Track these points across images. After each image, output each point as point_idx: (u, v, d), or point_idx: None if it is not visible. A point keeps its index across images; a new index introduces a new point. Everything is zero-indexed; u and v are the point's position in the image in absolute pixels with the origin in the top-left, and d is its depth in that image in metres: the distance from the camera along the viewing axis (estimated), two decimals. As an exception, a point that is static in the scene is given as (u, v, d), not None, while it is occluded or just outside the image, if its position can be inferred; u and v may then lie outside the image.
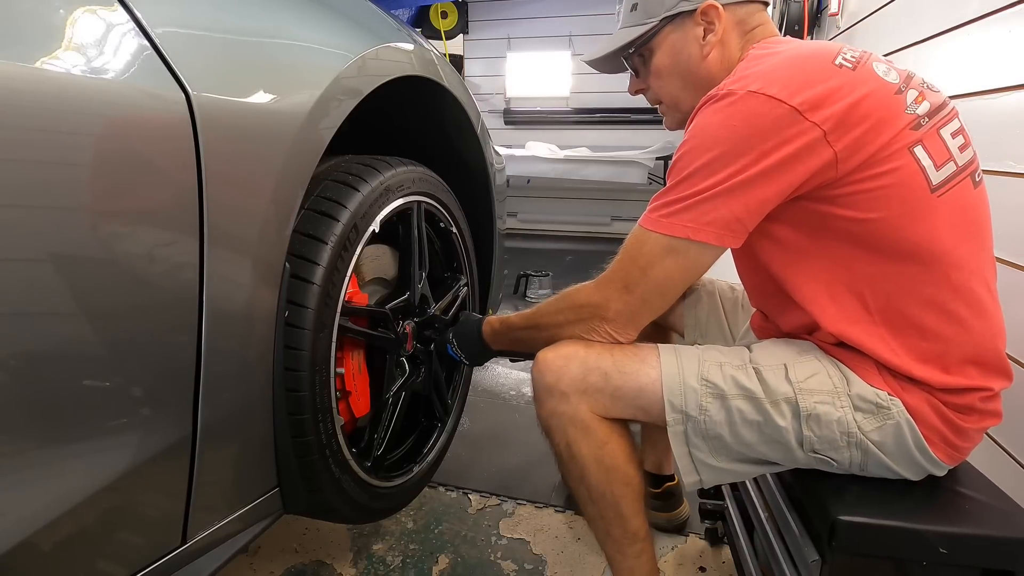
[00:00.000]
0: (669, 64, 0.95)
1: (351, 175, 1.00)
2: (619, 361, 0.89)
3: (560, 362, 0.90)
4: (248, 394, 0.82)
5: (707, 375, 0.86)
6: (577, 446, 0.90)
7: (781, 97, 0.74)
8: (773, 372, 0.85)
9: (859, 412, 0.80)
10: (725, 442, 0.85)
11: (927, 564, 0.75)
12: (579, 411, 0.89)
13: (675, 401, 0.86)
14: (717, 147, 0.77)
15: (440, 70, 1.24)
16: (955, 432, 0.80)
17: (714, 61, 0.91)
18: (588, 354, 0.89)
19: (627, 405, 0.89)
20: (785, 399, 0.82)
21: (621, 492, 0.90)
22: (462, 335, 1.15)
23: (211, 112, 0.69)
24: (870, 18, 2.15)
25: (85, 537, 0.64)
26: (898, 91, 0.78)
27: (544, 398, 0.91)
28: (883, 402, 0.80)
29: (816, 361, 0.85)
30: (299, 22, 0.90)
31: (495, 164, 1.56)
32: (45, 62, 0.55)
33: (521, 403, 2.03)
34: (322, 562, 1.27)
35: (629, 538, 0.92)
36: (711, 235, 0.79)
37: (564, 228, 5.18)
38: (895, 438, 0.79)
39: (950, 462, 0.82)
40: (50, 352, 0.58)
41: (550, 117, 5.15)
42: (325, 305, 0.91)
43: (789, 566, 0.87)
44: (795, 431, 0.82)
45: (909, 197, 0.76)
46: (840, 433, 0.80)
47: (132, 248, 0.63)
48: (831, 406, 0.81)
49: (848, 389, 0.81)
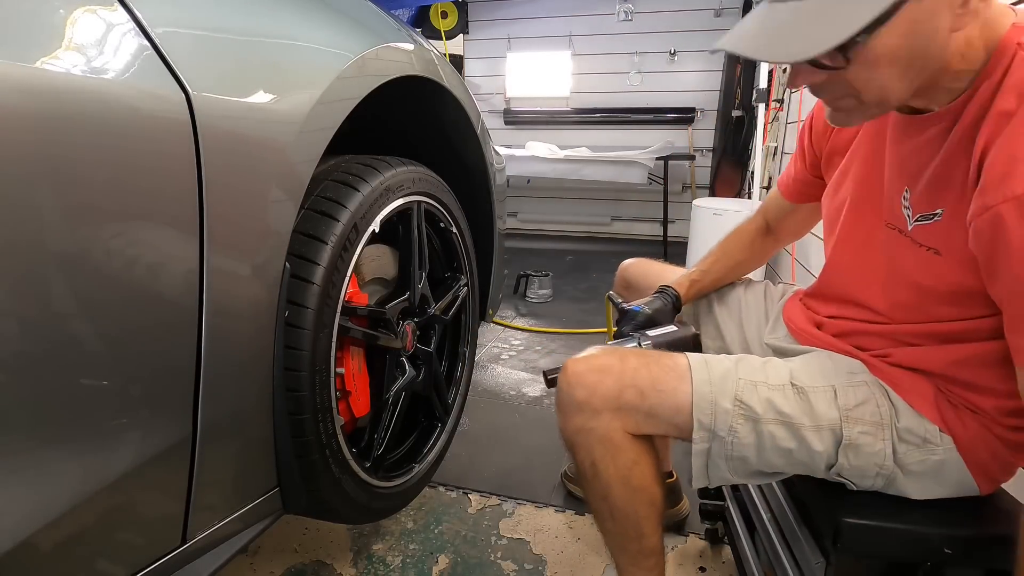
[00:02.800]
0: (899, 46, 0.64)
1: (351, 175, 1.00)
2: (656, 378, 0.84)
3: (594, 376, 0.84)
4: (248, 394, 0.82)
5: (741, 396, 0.81)
6: (604, 464, 0.85)
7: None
8: (821, 395, 0.80)
9: (903, 443, 0.78)
10: (748, 463, 0.82)
11: (932, 565, 0.75)
12: (610, 430, 0.84)
13: (704, 420, 0.82)
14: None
15: (440, 70, 1.24)
16: (1001, 467, 0.78)
17: (961, 39, 0.66)
18: (624, 369, 0.84)
19: (661, 423, 0.84)
20: (830, 427, 0.79)
21: (646, 512, 0.87)
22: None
23: (211, 112, 0.69)
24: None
25: (85, 537, 0.64)
26: None
27: (572, 413, 0.85)
28: (931, 438, 0.77)
29: (866, 387, 0.81)
30: (299, 22, 0.90)
31: (495, 164, 1.56)
32: (45, 62, 0.55)
33: (521, 403, 2.03)
34: (322, 562, 1.27)
35: (645, 553, 0.90)
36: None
37: (564, 228, 5.17)
38: (935, 471, 0.78)
39: (986, 491, 0.80)
40: (51, 352, 0.58)
41: (550, 117, 5.15)
42: (325, 305, 0.91)
43: (792, 567, 0.86)
44: (828, 457, 0.79)
45: None
46: (873, 464, 0.78)
47: (132, 248, 0.63)
48: (873, 437, 0.78)
49: (896, 421, 0.79)
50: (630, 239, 4.93)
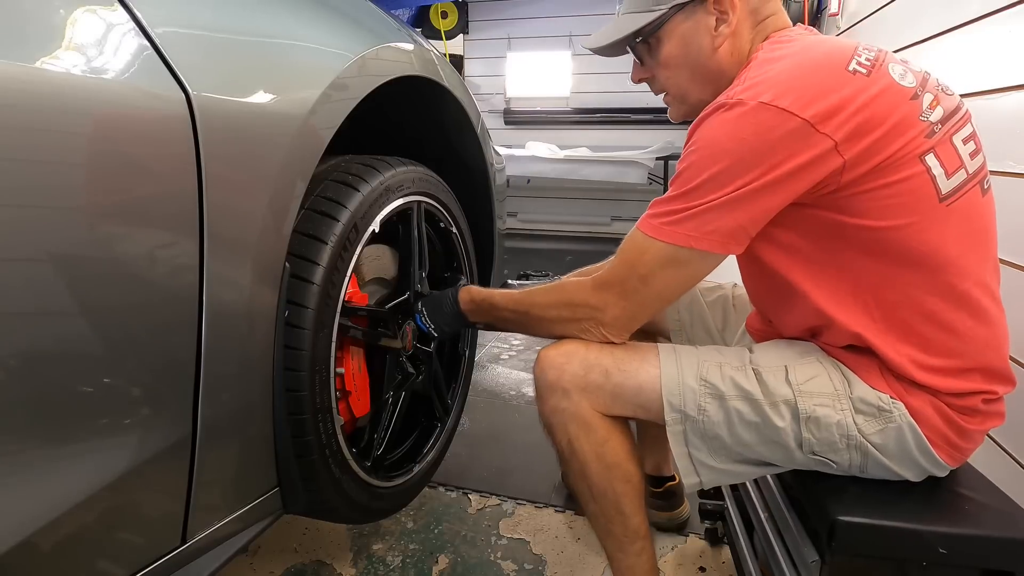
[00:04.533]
0: (678, 55, 0.90)
1: (351, 175, 1.00)
2: (620, 359, 0.89)
3: (561, 359, 0.90)
4: (248, 394, 0.82)
5: (706, 375, 0.86)
6: (578, 443, 0.90)
7: (793, 110, 0.73)
8: (773, 374, 0.84)
9: (860, 415, 0.80)
10: (724, 443, 0.85)
11: (927, 564, 0.75)
12: (580, 408, 0.89)
13: (674, 401, 0.86)
14: (725, 159, 0.76)
15: (440, 70, 1.24)
16: (958, 433, 0.80)
17: (725, 53, 0.87)
18: (589, 352, 0.90)
19: (627, 403, 0.89)
20: (784, 401, 0.82)
21: (622, 489, 0.91)
22: (433, 305, 1.11)
23: (211, 112, 0.69)
24: (870, 18, 2.15)
25: (85, 537, 0.64)
26: (913, 96, 0.76)
27: (546, 395, 0.91)
28: (885, 405, 0.80)
29: (817, 363, 0.85)
30: (299, 22, 0.90)
31: (495, 164, 1.56)
32: (45, 62, 0.55)
33: (521, 403, 2.04)
34: (322, 562, 1.27)
35: (630, 536, 0.92)
36: (714, 243, 0.79)
37: (564, 228, 5.18)
38: (897, 440, 0.79)
39: (952, 463, 0.82)
40: (51, 352, 0.58)
41: (550, 117, 5.15)
42: (325, 305, 0.91)
43: (789, 566, 0.87)
44: (794, 433, 0.82)
45: (918, 206, 0.75)
46: (840, 436, 0.80)
47: (132, 248, 0.63)
48: (831, 408, 0.81)
49: (850, 392, 0.81)
50: (630, 239, 4.92)
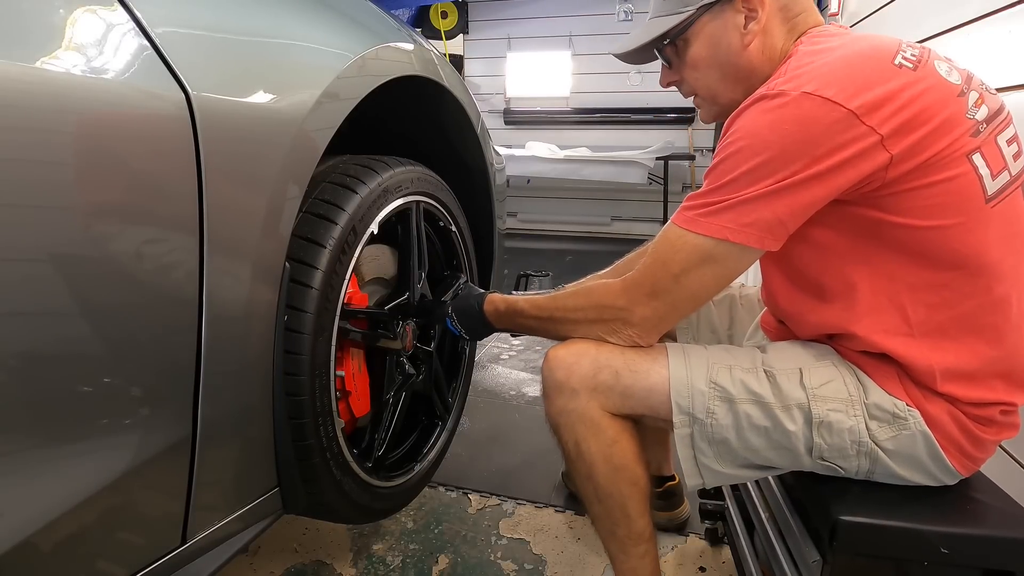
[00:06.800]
0: (706, 55, 0.89)
1: (349, 177, 1.00)
2: (630, 360, 0.88)
3: (571, 359, 0.89)
4: (248, 394, 0.82)
5: (716, 378, 0.84)
6: (586, 444, 0.89)
7: (838, 100, 0.70)
8: (787, 376, 0.83)
9: (874, 421, 0.79)
10: (731, 447, 0.84)
11: (928, 564, 0.75)
12: (589, 408, 0.88)
13: (682, 403, 0.85)
14: (767, 151, 0.73)
15: (440, 70, 1.24)
16: (972, 442, 0.79)
17: (755, 51, 0.85)
18: (599, 351, 0.88)
19: (637, 403, 0.88)
20: (797, 405, 0.81)
21: (628, 492, 0.90)
22: (462, 310, 1.10)
23: (211, 112, 0.69)
24: (870, 18, 2.15)
25: (85, 537, 0.64)
26: (960, 93, 0.74)
27: (554, 395, 0.90)
28: (900, 412, 0.78)
29: (833, 367, 0.83)
30: (299, 22, 0.90)
31: (495, 164, 1.56)
32: (45, 62, 0.55)
33: (521, 403, 2.03)
34: (322, 562, 1.27)
35: (634, 538, 0.92)
36: (751, 237, 0.75)
37: (564, 228, 5.18)
38: (910, 448, 0.78)
39: (964, 472, 0.81)
40: (51, 352, 0.58)
41: (550, 117, 5.15)
42: (324, 308, 0.90)
43: (790, 566, 0.86)
44: (805, 437, 0.81)
45: (964, 207, 0.73)
46: (851, 442, 0.79)
47: (133, 248, 0.63)
48: (844, 414, 0.79)
49: (864, 398, 0.80)
50: (630, 239, 4.92)
